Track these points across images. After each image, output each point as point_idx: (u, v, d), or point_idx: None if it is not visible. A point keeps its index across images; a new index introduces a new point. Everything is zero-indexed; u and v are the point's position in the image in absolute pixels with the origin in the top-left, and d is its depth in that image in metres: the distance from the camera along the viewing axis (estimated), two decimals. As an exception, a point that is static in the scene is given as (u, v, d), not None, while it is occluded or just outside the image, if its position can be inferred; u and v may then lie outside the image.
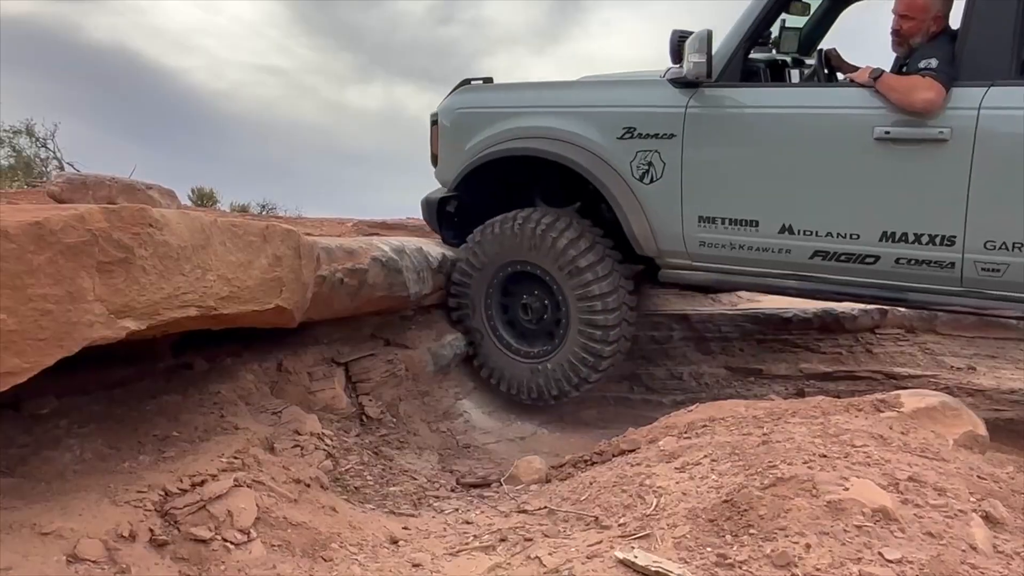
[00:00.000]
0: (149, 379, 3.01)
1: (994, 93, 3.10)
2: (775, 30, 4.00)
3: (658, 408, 4.61)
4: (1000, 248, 3.14)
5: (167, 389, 2.94)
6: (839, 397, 2.93)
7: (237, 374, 3.21)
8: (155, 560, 2.02)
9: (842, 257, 3.42)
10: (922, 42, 3.43)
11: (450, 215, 4.50)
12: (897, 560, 1.69)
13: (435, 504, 3.01)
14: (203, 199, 10.91)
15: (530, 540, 2.17)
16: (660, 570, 1.73)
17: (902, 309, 5.64)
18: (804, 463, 2.10)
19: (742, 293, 6.50)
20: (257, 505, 2.30)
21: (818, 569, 1.67)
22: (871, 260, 3.37)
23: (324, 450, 3.03)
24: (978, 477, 2.18)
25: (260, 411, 3.10)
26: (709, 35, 3.44)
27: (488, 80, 4.43)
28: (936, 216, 3.24)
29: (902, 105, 3.26)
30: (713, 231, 3.61)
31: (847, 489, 1.93)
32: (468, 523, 2.54)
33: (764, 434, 2.45)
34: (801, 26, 4.13)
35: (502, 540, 2.23)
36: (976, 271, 3.21)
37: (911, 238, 3.28)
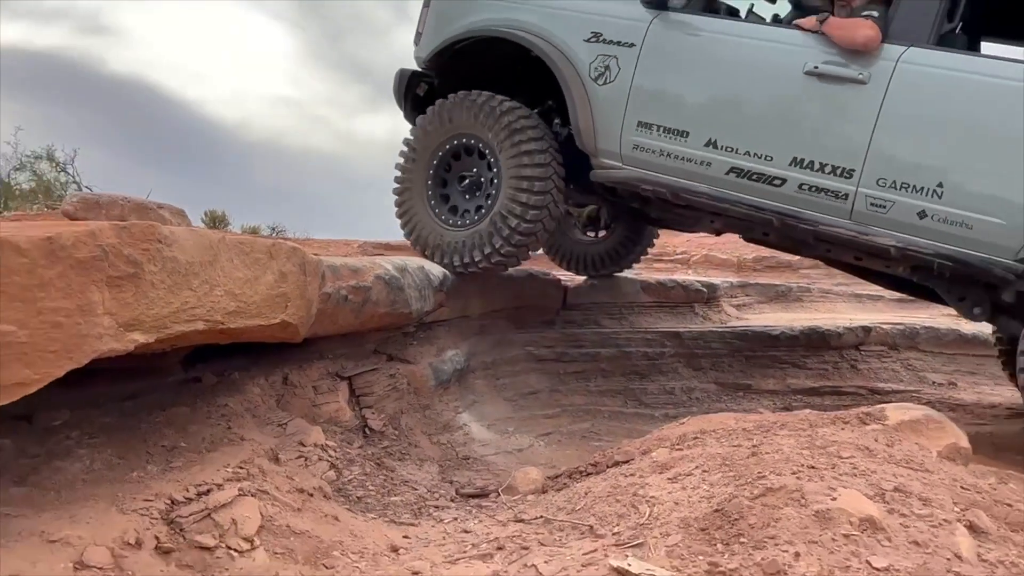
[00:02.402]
0: (159, 392, 2.98)
1: (912, 52, 3.35)
2: None
3: (651, 421, 4.59)
4: (890, 186, 3.34)
5: (176, 401, 2.90)
6: (825, 411, 2.90)
7: (244, 387, 3.17)
8: (160, 567, 1.98)
9: (754, 176, 3.58)
10: (862, 5, 3.59)
11: (418, 98, 4.49)
12: (884, 568, 1.66)
13: (435, 513, 2.96)
14: (215, 222, 10.92)
15: (527, 549, 2.13)
16: (653, 578, 1.69)
17: (886, 327, 5.63)
18: (793, 474, 2.07)
19: (732, 311, 6.49)
20: (261, 514, 2.26)
21: (807, 577, 1.64)
22: (778, 182, 3.54)
23: (327, 461, 2.99)
24: (961, 488, 2.15)
25: (266, 423, 3.06)
26: None
27: None
28: (841, 149, 3.43)
29: (845, 43, 3.45)
30: (648, 136, 3.78)
31: (835, 499, 1.89)
32: (466, 532, 2.50)
33: (753, 446, 2.42)
34: None
35: (499, 549, 2.19)
36: (866, 205, 3.40)
37: (816, 166, 3.46)
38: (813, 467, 2.12)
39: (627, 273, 5.90)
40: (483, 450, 4.02)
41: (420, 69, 4.49)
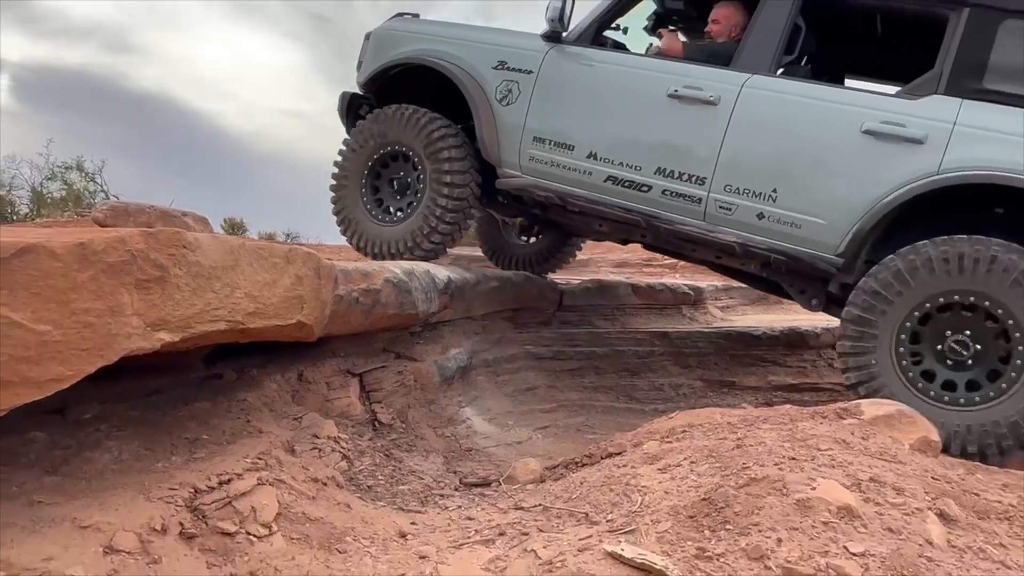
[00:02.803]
0: (183, 387, 2.98)
1: (754, 79, 3.69)
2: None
3: (641, 416, 4.59)
4: (734, 192, 3.66)
5: (199, 397, 2.90)
6: (805, 406, 2.90)
7: (262, 383, 3.17)
8: (184, 551, 1.98)
9: (626, 183, 3.91)
10: (723, 39, 4.06)
11: (359, 116, 4.71)
12: (861, 553, 1.66)
13: (440, 502, 2.96)
14: (234, 228, 10.92)
15: (526, 534, 2.13)
16: (645, 562, 1.70)
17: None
18: (775, 465, 2.08)
19: (717, 312, 6.50)
20: (278, 502, 2.26)
21: (789, 561, 1.64)
22: (646, 188, 3.86)
23: (340, 452, 2.98)
24: (932, 478, 2.16)
25: (282, 417, 3.06)
26: (563, 5, 4.05)
27: (416, 15, 4.86)
28: (696, 160, 3.75)
29: (664, 49, 4.13)
30: (541, 149, 4.11)
31: (814, 489, 1.90)
32: (470, 519, 2.50)
33: (738, 439, 2.42)
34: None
35: (501, 535, 2.19)
36: (715, 208, 3.71)
37: (676, 175, 3.79)
38: (794, 459, 2.12)
39: (619, 277, 5.91)
40: (485, 442, 4.02)
41: (361, 92, 4.78)
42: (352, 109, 4.75)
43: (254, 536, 2.11)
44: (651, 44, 4.36)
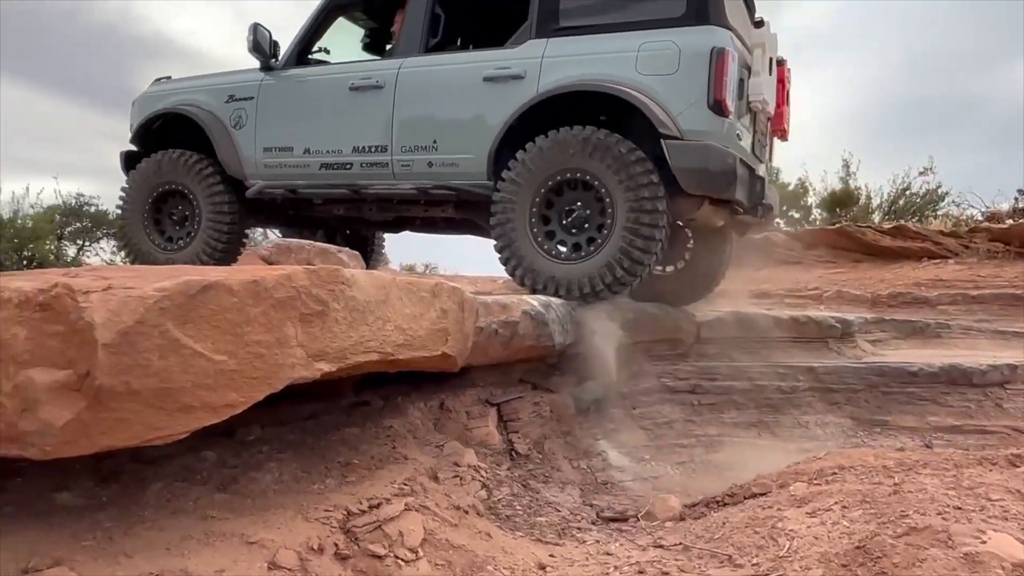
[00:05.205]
0: (334, 413, 3.15)
1: (408, 60, 4.66)
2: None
3: (785, 455, 4.38)
4: (409, 150, 4.57)
5: (348, 422, 3.06)
6: (970, 451, 2.70)
7: (406, 411, 3.31)
8: (339, 571, 2.10)
9: (334, 166, 4.79)
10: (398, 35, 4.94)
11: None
12: (1041, 617, 1.53)
13: (578, 535, 2.97)
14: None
15: (667, 573, 2.11)
16: (795, 610, 1.64)
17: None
18: (938, 514, 1.95)
19: (867, 346, 6.16)
20: (424, 527, 2.35)
21: (957, 620, 1.54)
22: (349, 166, 4.75)
23: (480, 481, 3.06)
24: (1125, 537, 1.95)
25: (425, 444, 3.17)
26: (257, 33, 4.96)
27: (169, 77, 5.73)
28: (378, 134, 4.65)
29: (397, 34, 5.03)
30: (270, 156, 5.00)
31: (984, 542, 1.77)
32: (608, 554, 2.50)
33: (895, 484, 2.29)
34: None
35: (640, 572, 2.18)
36: (399, 167, 4.62)
37: (367, 149, 4.68)
38: (960, 508, 1.98)
39: (759, 308, 5.73)
40: (620, 476, 3.99)
41: (130, 149, 5.61)
42: (131, 163, 5.56)
43: (402, 560, 2.20)
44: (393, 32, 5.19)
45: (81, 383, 1.70)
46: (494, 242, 4.41)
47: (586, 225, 4.10)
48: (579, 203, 4.09)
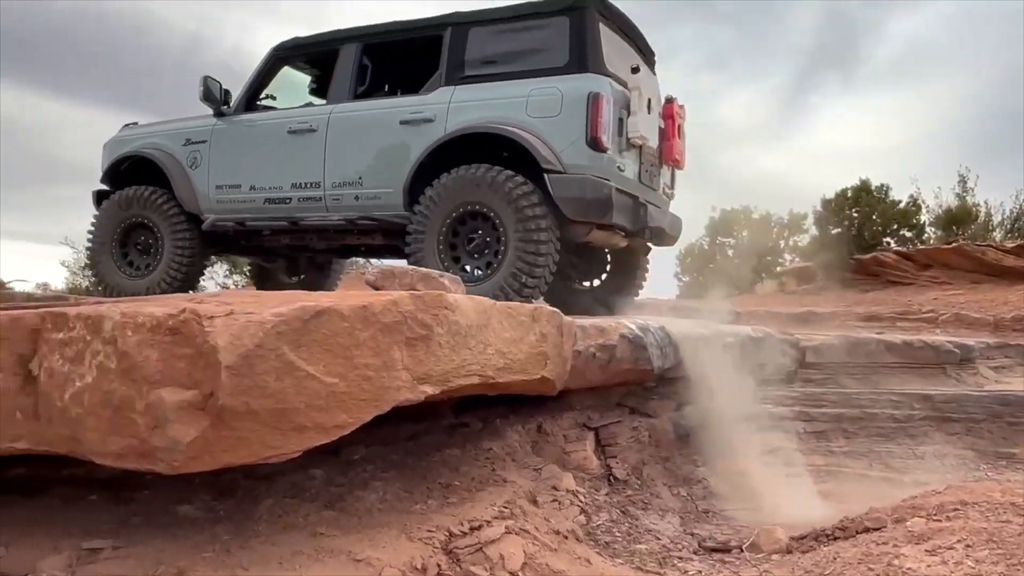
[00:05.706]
0: (434, 434, 3.22)
1: (338, 106, 5.12)
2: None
3: (899, 487, 4.17)
4: (338, 186, 5.01)
5: (449, 444, 3.12)
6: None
7: (504, 433, 3.33)
8: (442, 592, 2.13)
9: (276, 200, 5.24)
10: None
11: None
12: None
13: (679, 564, 2.90)
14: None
15: (775, 609, 2.04)
16: (916, 655, 1.55)
17: None
18: (1076, 558, 1.81)
19: (989, 373, 5.80)
20: (524, 551, 2.36)
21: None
22: (288, 200, 5.20)
23: (578, 506, 3.05)
24: None
25: (523, 467, 3.19)
26: (208, 84, 5.45)
27: (136, 123, 6.26)
28: (312, 172, 5.09)
29: None
30: (222, 193, 5.44)
31: None
32: (712, 586, 2.44)
33: (1025, 523, 2.15)
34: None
35: (747, 606, 2.11)
36: (330, 200, 5.05)
37: (303, 185, 5.13)
38: (1101, 553, 1.84)
39: (869, 332, 5.49)
40: (722, 504, 3.89)
41: (100, 188, 6.06)
42: (101, 201, 6.03)
43: (502, 583, 2.21)
44: None
45: (205, 402, 1.81)
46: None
47: (485, 251, 4.55)
48: (479, 231, 4.55)
